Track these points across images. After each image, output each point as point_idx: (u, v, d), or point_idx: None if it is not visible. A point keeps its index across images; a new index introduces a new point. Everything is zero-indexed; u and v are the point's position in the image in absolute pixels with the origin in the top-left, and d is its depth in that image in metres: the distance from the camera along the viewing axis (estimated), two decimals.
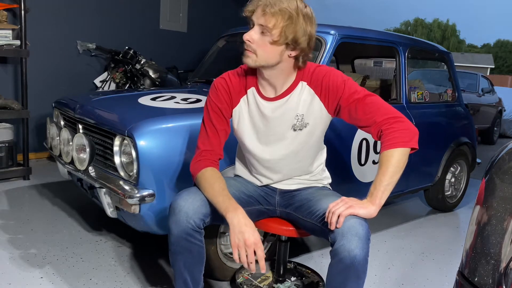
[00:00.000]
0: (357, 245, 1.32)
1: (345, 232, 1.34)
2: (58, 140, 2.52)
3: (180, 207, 1.44)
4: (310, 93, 1.54)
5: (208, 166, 1.54)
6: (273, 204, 1.72)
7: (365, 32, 2.82)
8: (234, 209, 1.40)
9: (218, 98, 1.58)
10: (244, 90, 1.59)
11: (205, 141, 1.58)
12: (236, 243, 1.36)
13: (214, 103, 1.58)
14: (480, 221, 1.16)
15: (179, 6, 5.28)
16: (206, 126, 1.59)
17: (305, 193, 1.66)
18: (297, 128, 1.56)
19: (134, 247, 2.49)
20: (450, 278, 2.45)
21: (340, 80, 1.51)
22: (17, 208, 2.96)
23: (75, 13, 4.37)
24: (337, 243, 1.34)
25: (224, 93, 1.58)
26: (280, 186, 1.71)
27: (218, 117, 1.58)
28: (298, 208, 1.62)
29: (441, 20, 46.38)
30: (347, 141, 2.50)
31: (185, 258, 1.50)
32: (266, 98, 1.56)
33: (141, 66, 4.07)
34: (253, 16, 1.42)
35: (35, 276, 2.11)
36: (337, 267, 1.35)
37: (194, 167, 1.56)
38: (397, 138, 1.41)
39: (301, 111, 1.55)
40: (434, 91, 3.61)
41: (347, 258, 1.32)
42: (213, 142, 1.58)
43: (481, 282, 1.12)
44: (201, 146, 1.59)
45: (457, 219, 3.50)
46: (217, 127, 1.58)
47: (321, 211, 1.48)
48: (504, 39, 49.98)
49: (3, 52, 3.45)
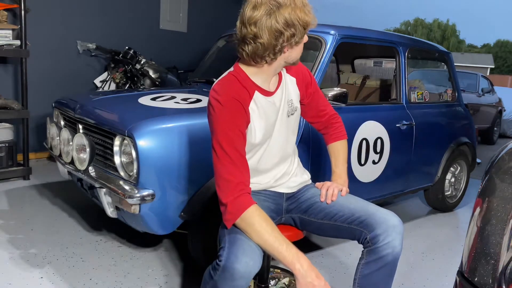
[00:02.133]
0: (400, 242, 1.42)
1: (390, 230, 1.42)
2: (58, 140, 2.52)
3: (241, 274, 1.25)
4: (291, 79, 1.61)
5: (251, 203, 1.33)
6: (280, 212, 1.67)
7: (365, 32, 2.82)
8: (298, 259, 1.29)
9: (235, 118, 1.37)
10: (249, 97, 1.44)
11: (234, 172, 1.34)
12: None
13: (233, 125, 1.36)
14: (480, 221, 1.16)
15: (179, 6, 5.28)
16: (228, 153, 1.34)
17: (307, 194, 1.65)
18: (290, 114, 1.59)
19: (134, 247, 2.49)
20: (450, 278, 2.44)
21: (306, 68, 1.67)
22: (17, 208, 2.96)
23: (75, 13, 4.37)
24: (381, 241, 1.41)
25: (238, 109, 1.38)
26: (287, 190, 1.67)
27: (239, 139, 1.36)
28: (307, 211, 1.61)
29: (441, 20, 46.37)
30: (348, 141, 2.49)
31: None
32: (270, 93, 1.52)
33: (141, 66, 4.07)
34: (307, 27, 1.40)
35: (35, 276, 2.11)
36: (377, 264, 1.42)
37: (235, 205, 1.32)
38: (343, 131, 1.77)
39: (290, 96, 1.59)
40: (434, 91, 3.61)
41: (390, 255, 1.41)
42: (243, 171, 1.36)
43: (481, 282, 1.12)
44: (233, 179, 1.33)
45: (457, 219, 3.50)
46: (241, 152, 1.37)
47: (349, 211, 1.52)
48: (504, 39, 49.98)
49: (3, 52, 3.45)
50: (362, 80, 3.64)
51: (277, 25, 1.33)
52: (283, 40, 1.36)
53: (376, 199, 2.84)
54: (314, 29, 2.62)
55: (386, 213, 1.48)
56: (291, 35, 1.36)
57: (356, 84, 3.68)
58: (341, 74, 3.91)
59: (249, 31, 1.34)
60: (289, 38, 1.36)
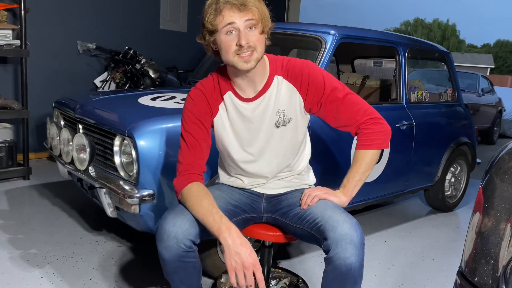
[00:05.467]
0: (352, 253, 1.29)
1: (339, 239, 1.30)
2: (58, 140, 2.52)
3: (169, 233, 1.36)
4: (289, 87, 1.50)
5: (193, 181, 1.45)
6: (259, 210, 1.64)
7: (365, 32, 2.82)
8: (227, 229, 1.32)
9: (197, 109, 1.50)
10: (220, 97, 1.51)
11: (186, 155, 1.48)
12: (233, 266, 1.29)
13: (192, 115, 1.49)
14: (480, 221, 1.16)
15: (179, 6, 5.28)
16: (186, 139, 1.49)
17: (292, 198, 1.58)
18: (280, 125, 1.52)
19: (134, 247, 2.49)
20: (450, 278, 2.45)
21: (320, 76, 1.50)
22: (17, 208, 2.96)
23: (75, 13, 4.37)
24: (331, 251, 1.31)
25: (202, 103, 1.50)
26: (267, 191, 1.64)
27: (198, 128, 1.49)
28: (285, 214, 1.55)
29: (441, 20, 46.37)
30: (349, 142, 2.49)
31: (180, 275, 1.44)
32: (245, 99, 1.50)
33: (141, 66, 4.07)
34: (231, 18, 1.34)
35: (35, 276, 2.11)
36: (333, 274, 1.32)
37: (178, 183, 1.46)
38: (373, 140, 1.51)
39: (282, 106, 1.50)
40: (434, 91, 3.62)
41: (342, 266, 1.29)
42: (196, 155, 1.48)
43: (481, 282, 1.12)
44: (183, 161, 1.48)
45: (457, 219, 3.50)
46: (198, 139, 1.48)
47: (313, 216, 1.43)
48: (504, 39, 49.95)
49: (3, 52, 3.45)
50: (362, 80, 3.63)
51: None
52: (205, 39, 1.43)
53: (376, 199, 2.84)
54: (314, 29, 2.65)
55: (338, 219, 1.35)
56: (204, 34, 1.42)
57: (356, 84, 3.68)
58: (341, 74, 3.91)
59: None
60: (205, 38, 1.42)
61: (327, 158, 2.43)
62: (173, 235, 1.35)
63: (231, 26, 1.35)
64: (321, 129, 2.32)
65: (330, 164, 2.44)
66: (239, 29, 1.35)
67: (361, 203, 2.73)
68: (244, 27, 1.35)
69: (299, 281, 1.95)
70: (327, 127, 2.09)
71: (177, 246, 1.35)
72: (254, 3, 1.36)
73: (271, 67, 1.50)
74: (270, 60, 1.51)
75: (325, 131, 2.35)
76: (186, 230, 1.37)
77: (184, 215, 1.40)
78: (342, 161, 2.48)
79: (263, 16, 1.38)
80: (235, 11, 1.34)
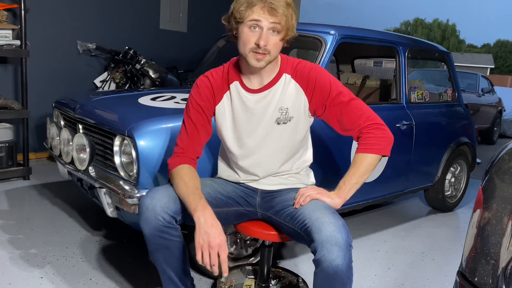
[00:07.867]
0: (338, 255, 1.29)
1: (324, 241, 1.30)
2: (58, 140, 2.52)
3: (147, 205, 1.43)
4: (296, 87, 1.54)
5: (185, 163, 1.51)
6: (253, 205, 1.65)
7: (365, 32, 2.82)
8: (202, 209, 1.36)
9: (200, 96, 1.55)
10: (227, 86, 1.56)
11: (184, 139, 1.56)
12: (200, 243, 1.33)
13: (195, 101, 1.56)
14: (480, 221, 1.16)
15: (179, 6, 5.28)
16: (185, 124, 1.57)
17: (286, 196, 1.59)
18: (281, 122, 1.54)
19: (134, 247, 2.50)
20: (450, 278, 2.45)
21: (327, 80, 1.53)
22: (17, 208, 2.96)
23: (75, 13, 4.37)
24: (318, 253, 1.31)
25: (206, 90, 1.55)
26: (262, 187, 1.65)
27: (199, 114, 1.55)
28: (279, 212, 1.56)
29: (441, 20, 46.36)
30: (349, 142, 2.50)
31: (164, 255, 1.49)
32: (250, 90, 1.54)
33: (141, 66, 4.07)
34: (259, 17, 1.38)
35: (35, 276, 2.11)
36: (321, 276, 1.33)
37: (171, 163, 1.53)
38: (373, 144, 1.51)
39: (286, 104, 1.53)
40: (434, 91, 3.61)
41: (329, 268, 1.30)
42: (193, 140, 1.55)
43: (481, 282, 1.12)
44: (180, 143, 1.56)
45: (457, 219, 3.50)
46: (197, 125, 1.55)
47: (302, 216, 1.43)
48: (504, 39, 49.95)
49: (3, 52, 3.45)
50: (362, 80, 3.63)
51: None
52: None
53: (376, 199, 2.85)
54: (314, 29, 2.65)
55: (324, 221, 1.35)
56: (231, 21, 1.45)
57: (356, 84, 3.68)
58: (341, 74, 3.91)
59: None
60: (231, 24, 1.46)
61: (327, 160, 2.43)
62: (151, 208, 1.42)
63: (256, 23, 1.40)
64: (322, 131, 2.32)
65: (330, 167, 2.44)
66: (263, 29, 1.40)
67: (361, 203, 2.74)
68: (268, 29, 1.40)
69: (299, 281, 1.95)
70: (328, 130, 2.09)
71: (155, 219, 1.42)
72: (284, 12, 1.40)
73: (282, 65, 1.55)
74: (282, 59, 1.56)
75: (326, 133, 2.35)
76: (165, 204, 1.43)
77: (165, 191, 1.47)
78: (342, 164, 2.48)
79: (289, 25, 1.43)
80: (265, 12, 1.38)
